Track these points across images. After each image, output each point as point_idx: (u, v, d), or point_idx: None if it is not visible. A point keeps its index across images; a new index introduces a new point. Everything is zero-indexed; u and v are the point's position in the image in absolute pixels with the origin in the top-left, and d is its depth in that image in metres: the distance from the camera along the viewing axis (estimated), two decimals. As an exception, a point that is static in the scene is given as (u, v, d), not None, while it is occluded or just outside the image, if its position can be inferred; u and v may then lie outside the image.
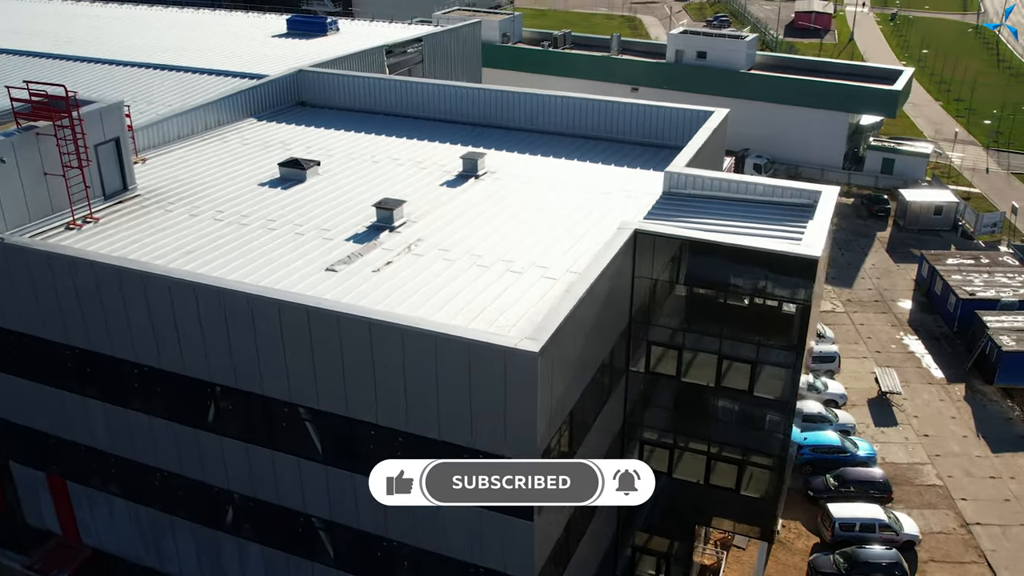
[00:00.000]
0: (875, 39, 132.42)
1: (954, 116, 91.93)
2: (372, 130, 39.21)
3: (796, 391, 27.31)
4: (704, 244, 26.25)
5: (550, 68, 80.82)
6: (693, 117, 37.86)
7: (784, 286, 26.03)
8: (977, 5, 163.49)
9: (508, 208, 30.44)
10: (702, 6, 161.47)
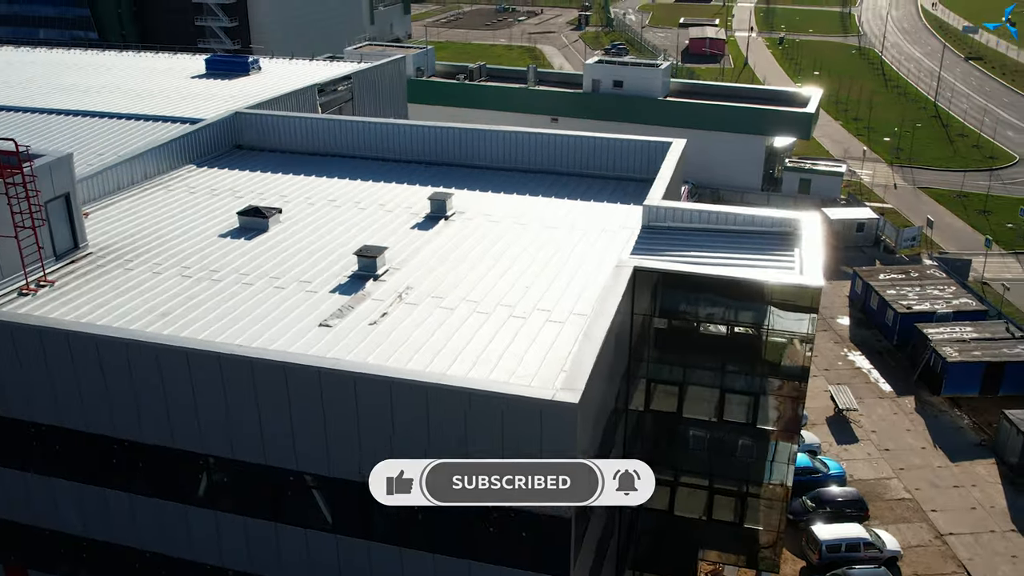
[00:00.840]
0: (768, 62, 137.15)
1: (855, 135, 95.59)
2: (323, 173, 37.76)
3: (800, 420, 27.17)
4: (705, 279, 25.92)
5: (470, 101, 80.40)
6: (654, 149, 37.81)
7: (788, 316, 25.86)
8: (857, 28, 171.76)
9: (489, 250, 29.53)
10: (597, 35, 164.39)
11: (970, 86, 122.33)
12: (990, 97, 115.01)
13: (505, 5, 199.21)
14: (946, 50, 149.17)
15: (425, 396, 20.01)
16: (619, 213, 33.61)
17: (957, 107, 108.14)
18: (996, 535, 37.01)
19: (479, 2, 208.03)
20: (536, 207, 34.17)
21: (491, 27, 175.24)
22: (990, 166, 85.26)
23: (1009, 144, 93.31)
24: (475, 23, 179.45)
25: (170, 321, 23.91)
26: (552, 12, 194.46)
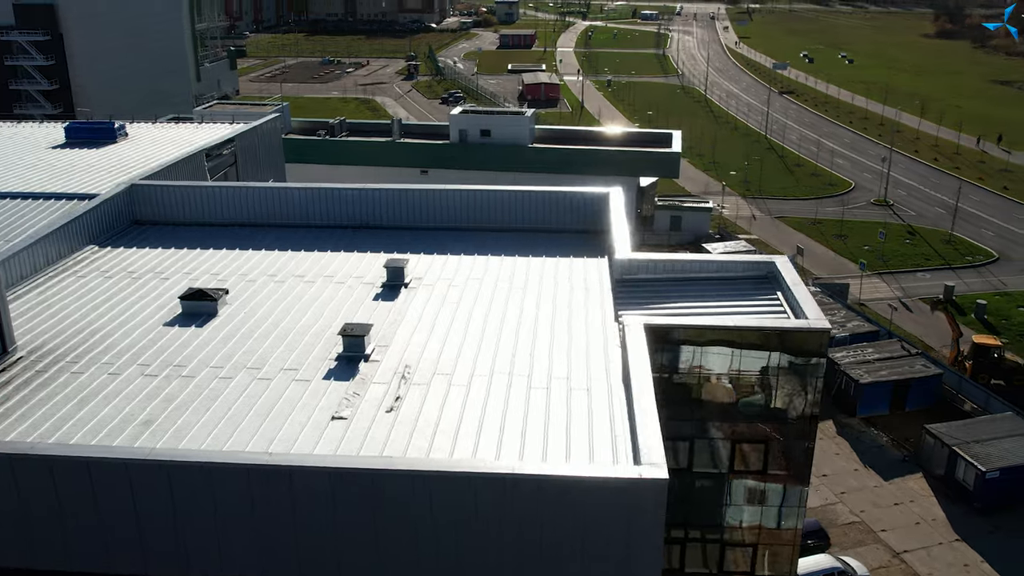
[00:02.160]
0: (602, 104, 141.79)
1: (703, 170, 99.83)
2: (249, 245, 34.89)
3: (811, 463, 27.06)
4: (719, 330, 25.49)
5: (337, 157, 78.05)
6: (590, 199, 37.50)
7: (797, 360, 25.74)
8: (676, 69, 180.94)
9: (469, 318, 27.92)
10: (430, 84, 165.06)
11: (790, 118, 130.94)
12: (812, 128, 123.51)
13: (329, 57, 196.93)
14: (760, 86, 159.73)
15: (503, 488, 18.24)
16: (579, 268, 32.81)
17: (787, 139, 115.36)
18: (945, 547, 38.46)
19: (302, 55, 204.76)
20: (492, 267, 32.83)
21: (319, 80, 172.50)
22: (831, 192, 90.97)
23: (842, 171, 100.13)
24: (302, 76, 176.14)
25: (158, 431, 20.94)
26: (378, 63, 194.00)
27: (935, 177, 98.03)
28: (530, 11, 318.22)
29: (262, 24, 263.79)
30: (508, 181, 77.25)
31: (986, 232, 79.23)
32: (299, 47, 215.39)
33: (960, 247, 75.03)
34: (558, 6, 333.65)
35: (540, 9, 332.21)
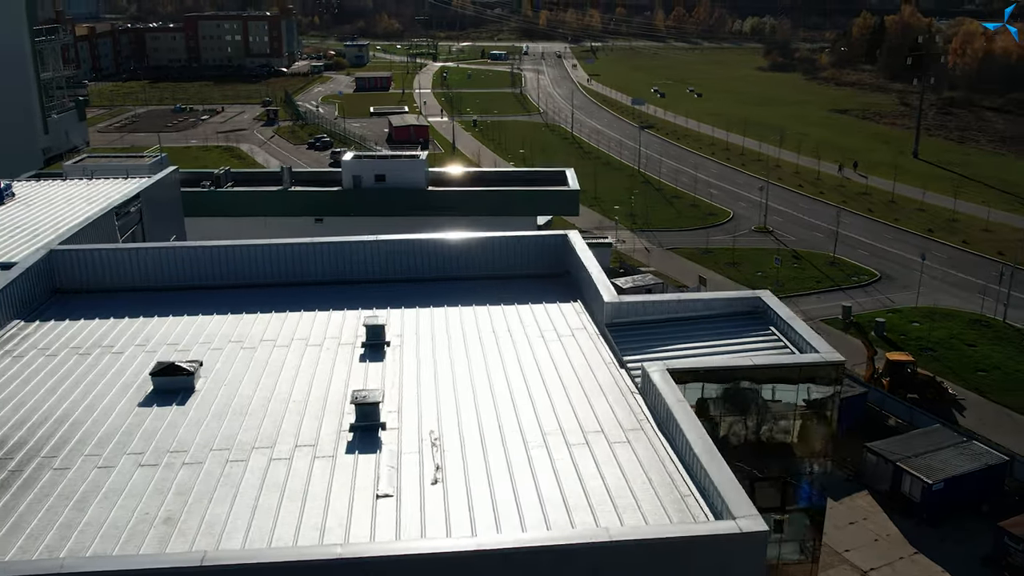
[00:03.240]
0: (473, 144, 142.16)
1: (588, 206, 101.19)
2: (199, 310, 32.29)
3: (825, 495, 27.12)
4: (737, 369, 25.26)
5: (228, 208, 74.28)
6: (550, 242, 37.02)
7: (814, 393, 25.84)
8: (536, 107, 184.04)
9: (471, 375, 26.68)
10: (294, 128, 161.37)
11: (657, 151, 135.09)
12: (680, 160, 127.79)
13: (181, 105, 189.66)
14: (622, 121, 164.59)
15: (600, 557, 17.15)
16: (556, 313, 32.13)
17: (659, 172, 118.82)
18: (906, 561, 39.58)
19: (150, 103, 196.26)
20: (468, 319, 31.66)
21: (174, 128, 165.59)
22: (713, 222, 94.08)
23: (718, 201, 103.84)
24: (155, 125, 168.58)
25: (185, 529, 18.70)
26: (233, 109, 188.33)
27: (804, 203, 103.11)
28: (379, 54, 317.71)
29: (101, 72, 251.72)
30: (406, 226, 75.91)
31: (863, 253, 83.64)
32: (145, 95, 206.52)
33: (845, 268, 78.81)
34: (406, 48, 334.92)
35: (388, 51, 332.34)
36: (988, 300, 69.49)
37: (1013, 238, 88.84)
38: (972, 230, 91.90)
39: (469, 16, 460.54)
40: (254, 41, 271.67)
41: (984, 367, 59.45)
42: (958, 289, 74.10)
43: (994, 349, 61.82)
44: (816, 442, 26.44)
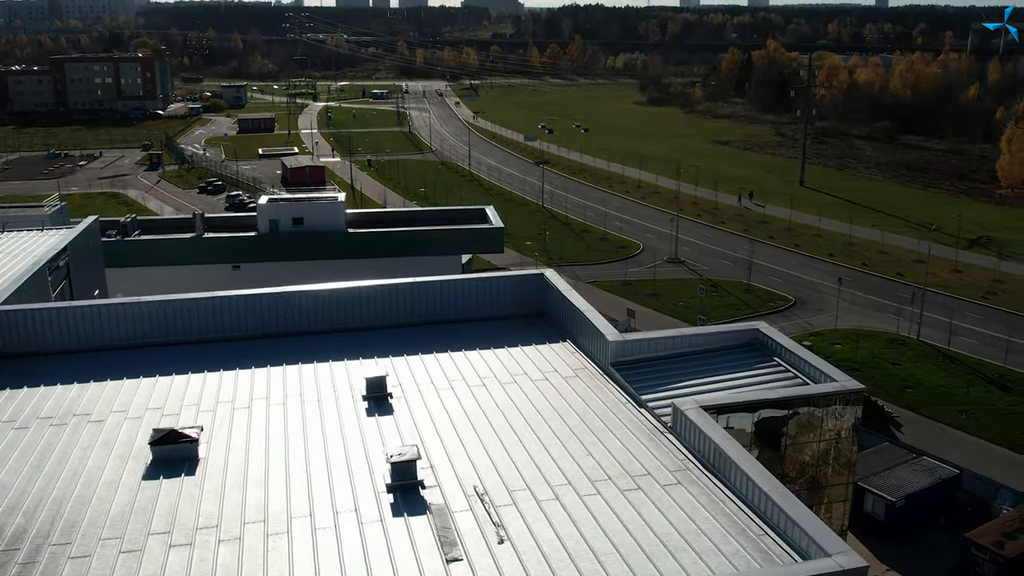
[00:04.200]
0: (372, 184, 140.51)
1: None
2: (172, 370, 30.17)
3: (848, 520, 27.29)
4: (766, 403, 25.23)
5: (139, 258, 70.55)
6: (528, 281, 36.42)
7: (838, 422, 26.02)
8: (429, 146, 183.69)
9: (490, 423, 25.73)
10: (180, 172, 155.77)
11: (556, 186, 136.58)
12: (580, 194, 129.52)
13: (55, 151, 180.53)
14: (516, 158, 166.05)
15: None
16: (553, 354, 31.52)
17: (562, 207, 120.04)
18: (880, 580, 40.34)
19: (20, 148, 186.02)
20: (463, 365, 30.68)
21: (50, 175, 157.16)
22: (625, 255, 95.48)
23: (625, 233, 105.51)
24: (28, 172, 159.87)
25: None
26: (112, 154, 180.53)
27: (708, 232, 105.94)
28: (257, 95, 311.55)
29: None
30: (328, 270, 74.00)
31: (774, 279, 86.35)
32: (14, 140, 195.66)
33: (760, 295, 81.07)
34: (284, 88, 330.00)
35: (265, 92, 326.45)
36: (902, 320, 72.75)
37: (907, 259, 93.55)
38: (869, 253, 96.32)
39: (344, 55, 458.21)
40: (126, 83, 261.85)
41: (910, 384, 62.02)
42: (868, 310, 77.33)
43: (916, 366, 64.65)
44: (842, 469, 26.60)
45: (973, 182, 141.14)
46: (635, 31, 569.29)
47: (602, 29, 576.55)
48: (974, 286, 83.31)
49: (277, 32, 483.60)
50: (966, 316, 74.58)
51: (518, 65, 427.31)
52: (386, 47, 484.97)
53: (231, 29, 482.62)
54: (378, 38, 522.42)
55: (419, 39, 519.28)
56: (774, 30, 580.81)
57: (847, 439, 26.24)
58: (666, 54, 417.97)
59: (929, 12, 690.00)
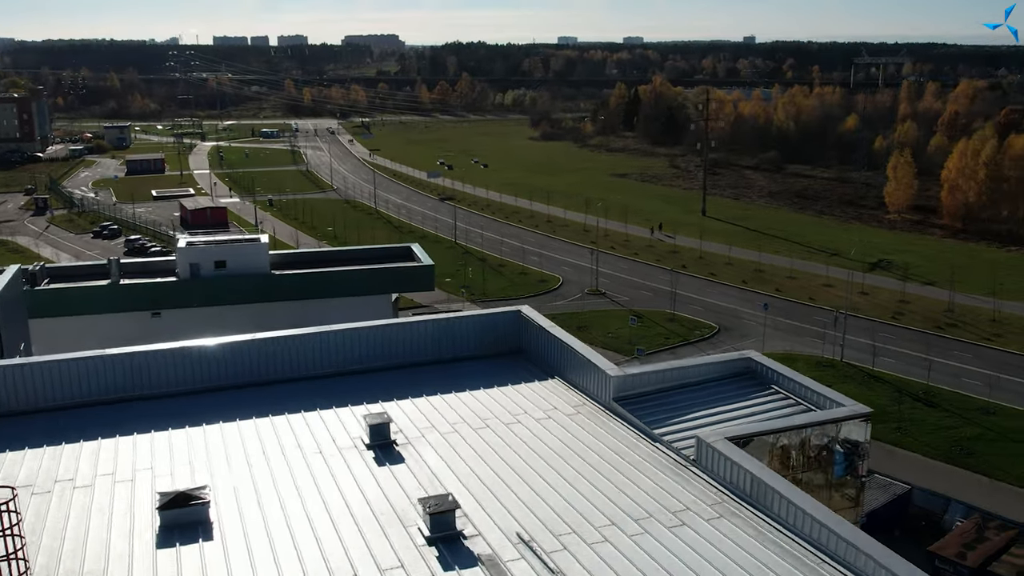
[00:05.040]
0: (278, 224, 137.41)
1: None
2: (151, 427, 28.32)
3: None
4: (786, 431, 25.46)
5: (51, 308, 66.57)
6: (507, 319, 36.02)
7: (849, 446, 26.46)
8: (330, 185, 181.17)
9: (510, 466, 25.09)
10: (70, 217, 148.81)
11: (465, 222, 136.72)
12: (491, 229, 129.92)
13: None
14: (420, 195, 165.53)
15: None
16: (547, 392, 31.15)
17: (475, 242, 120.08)
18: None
19: None
20: (459, 405, 29.94)
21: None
22: (547, 288, 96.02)
23: (542, 267, 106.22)
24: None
25: None
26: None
27: (624, 264, 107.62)
28: (141, 135, 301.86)
29: None
30: (252, 314, 71.71)
31: (695, 308, 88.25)
32: None
33: (685, 324, 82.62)
34: (168, 129, 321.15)
35: (149, 132, 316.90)
36: (826, 343, 75.38)
37: (815, 284, 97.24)
38: (779, 279, 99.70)
39: (228, 94, 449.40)
40: (1, 125, 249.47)
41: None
42: (789, 334, 79.85)
43: (846, 387, 66.65)
44: (856, 490, 27.04)
45: (862, 208, 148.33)
46: (519, 68, 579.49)
47: (486, 66, 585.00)
48: (882, 307, 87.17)
49: (155, 71, 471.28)
50: (882, 337, 77.82)
51: (408, 102, 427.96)
52: (271, 85, 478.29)
53: (106, 68, 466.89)
54: (261, 76, 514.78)
55: (303, 77, 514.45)
56: (652, 66, 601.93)
57: (859, 460, 26.70)
58: (553, 90, 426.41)
59: (795, 48, 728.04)
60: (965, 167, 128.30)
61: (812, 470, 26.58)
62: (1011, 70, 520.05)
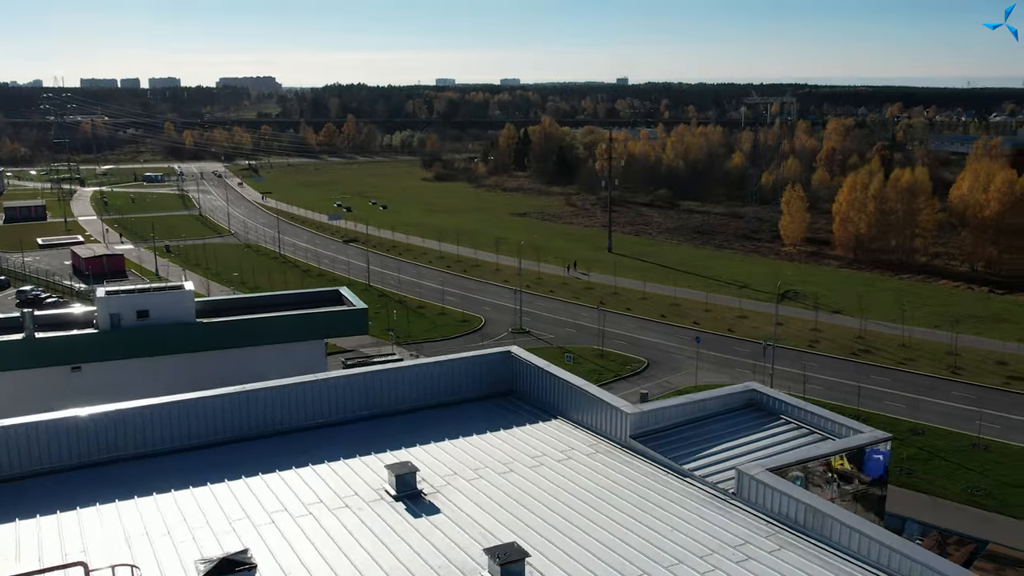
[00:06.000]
0: (177, 270, 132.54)
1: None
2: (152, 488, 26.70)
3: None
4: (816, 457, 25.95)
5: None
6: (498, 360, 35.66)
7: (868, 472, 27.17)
8: (227, 229, 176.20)
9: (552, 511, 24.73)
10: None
11: (376, 264, 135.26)
12: (400, 270, 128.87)
13: None
14: (322, 237, 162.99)
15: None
16: (557, 432, 30.94)
17: (389, 284, 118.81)
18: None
19: None
20: (474, 450, 29.42)
21: None
22: (469, 328, 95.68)
23: (463, 307, 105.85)
24: None
25: None
26: None
27: (541, 302, 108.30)
28: (14, 181, 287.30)
29: None
30: (181, 365, 68.69)
31: (620, 343, 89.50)
32: None
33: (614, 359, 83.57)
34: (43, 174, 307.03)
35: (22, 178, 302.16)
36: (756, 373, 77.55)
37: (731, 316, 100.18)
38: (696, 312, 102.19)
39: (103, 137, 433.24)
40: None
41: (779, 432, 65.65)
42: (716, 365, 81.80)
43: (781, 415, 68.56)
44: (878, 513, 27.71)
45: (758, 242, 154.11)
46: (403, 109, 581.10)
47: (369, 107, 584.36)
48: (798, 336, 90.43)
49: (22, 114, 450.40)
50: (803, 364, 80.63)
51: (294, 144, 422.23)
52: (148, 128, 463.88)
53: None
54: (138, 119, 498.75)
55: (181, 119, 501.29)
56: (533, 107, 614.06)
57: (879, 484, 27.43)
58: (439, 131, 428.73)
59: (666, 89, 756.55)
60: (855, 200, 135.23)
61: (842, 496, 27.15)
62: (870, 109, 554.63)
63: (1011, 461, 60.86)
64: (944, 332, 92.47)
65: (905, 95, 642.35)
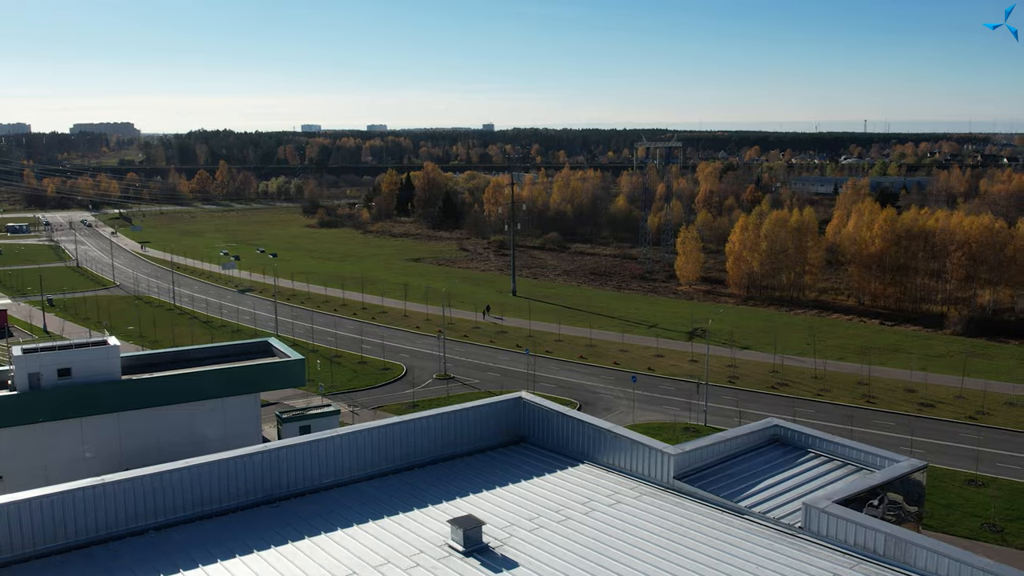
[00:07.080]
0: (68, 325, 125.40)
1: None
2: (179, 565, 25.47)
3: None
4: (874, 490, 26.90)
5: None
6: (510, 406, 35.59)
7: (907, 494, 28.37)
8: (112, 281, 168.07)
9: (627, 557, 24.87)
10: None
11: (279, 313, 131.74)
12: (306, 319, 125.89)
13: None
14: (216, 287, 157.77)
15: None
16: (590, 477, 31.20)
17: (299, 334, 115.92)
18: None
19: None
20: (523, 500, 29.37)
21: None
22: (391, 377, 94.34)
23: (378, 355, 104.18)
24: None
25: None
26: None
27: (460, 347, 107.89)
28: None
29: None
30: (107, 425, 65.16)
31: (546, 385, 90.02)
32: None
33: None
34: None
35: None
36: (691, 411, 79.41)
37: (648, 355, 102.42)
38: (612, 352, 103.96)
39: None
40: None
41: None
42: (647, 404, 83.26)
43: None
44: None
45: (655, 282, 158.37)
46: (274, 155, 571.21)
47: (238, 153, 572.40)
48: (717, 373, 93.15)
49: None
50: (737, 400, 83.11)
51: (165, 192, 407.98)
52: (2, 176, 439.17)
53: None
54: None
55: (38, 166, 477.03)
56: (406, 153, 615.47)
57: (917, 510, 28.68)
58: (316, 177, 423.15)
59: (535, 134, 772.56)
60: (747, 240, 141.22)
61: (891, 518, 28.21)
62: (729, 152, 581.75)
63: (936, 483, 64.27)
64: (851, 363, 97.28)
65: (760, 139, 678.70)
